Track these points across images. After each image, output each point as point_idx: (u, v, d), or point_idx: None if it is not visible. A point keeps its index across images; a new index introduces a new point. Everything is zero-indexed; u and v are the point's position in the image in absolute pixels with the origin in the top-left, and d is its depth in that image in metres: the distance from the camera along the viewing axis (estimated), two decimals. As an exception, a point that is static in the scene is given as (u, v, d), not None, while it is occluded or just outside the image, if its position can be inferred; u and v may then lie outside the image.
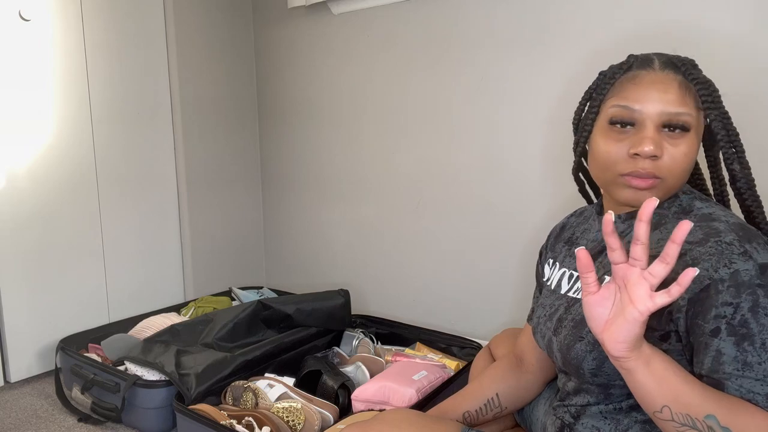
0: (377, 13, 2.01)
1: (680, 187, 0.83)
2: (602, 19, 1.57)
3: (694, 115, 0.78)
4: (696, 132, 0.79)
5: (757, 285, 0.68)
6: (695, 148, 0.79)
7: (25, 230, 1.80)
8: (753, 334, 0.68)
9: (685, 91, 0.79)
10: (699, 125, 0.80)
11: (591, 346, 0.80)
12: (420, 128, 1.97)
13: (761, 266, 0.69)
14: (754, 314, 0.68)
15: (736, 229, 0.73)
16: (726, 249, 0.71)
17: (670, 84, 0.79)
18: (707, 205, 0.81)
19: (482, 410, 1.00)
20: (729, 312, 0.69)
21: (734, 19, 1.37)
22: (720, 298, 0.69)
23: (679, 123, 0.77)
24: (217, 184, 2.34)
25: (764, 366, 0.67)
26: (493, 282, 1.87)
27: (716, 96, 0.80)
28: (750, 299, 0.68)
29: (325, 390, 1.51)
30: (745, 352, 0.68)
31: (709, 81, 0.81)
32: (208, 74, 2.27)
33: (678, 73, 0.80)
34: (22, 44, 1.75)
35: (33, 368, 1.84)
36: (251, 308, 1.78)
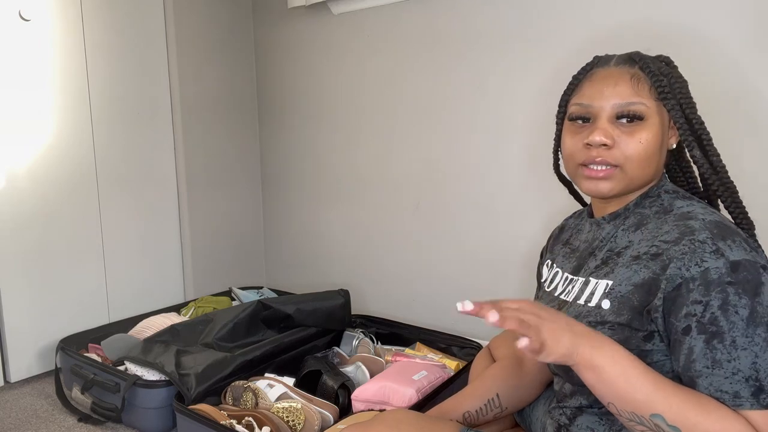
0: (377, 13, 2.01)
1: (647, 179, 0.83)
2: (603, 19, 1.57)
3: (648, 105, 0.81)
4: (654, 121, 0.81)
5: (727, 283, 0.69)
6: (653, 137, 0.81)
7: (25, 230, 1.80)
8: (723, 332, 0.68)
9: (638, 83, 0.82)
10: (658, 115, 0.81)
11: None
12: (420, 128, 1.97)
13: (732, 264, 0.69)
14: (723, 312, 0.68)
15: (710, 227, 0.73)
16: (698, 247, 0.72)
17: (621, 77, 0.82)
18: (688, 204, 0.80)
19: (482, 410, 1.00)
20: (699, 310, 0.69)
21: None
22: (690, 297, 0.70)
23: (630, 112, 0.80)
24: (217, 184, 2.34)
25: (734, 364, 0.67)
26: (493, 282, 1.87)
27: (675, 86, 0.81)
28: (720, 297, 0.69)
29: (325, 390, 1.51)
30: (715, 349, 0.68)
31: (663, 72, 0.82)
32: (208, 74, 2.27)
33: (633, 66, 0.83)
34: (22, 44, 1.75)
35: (33, 368, 1.84)
36: (251, 308, 1.78)
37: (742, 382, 0.67)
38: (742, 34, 1.37)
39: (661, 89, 0.81)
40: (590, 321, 0.81)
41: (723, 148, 1.40)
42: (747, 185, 1.40)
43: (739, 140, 1.40)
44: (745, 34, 1.36)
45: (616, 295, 0.79)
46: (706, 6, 1.41)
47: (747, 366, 0.67)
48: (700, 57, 1.42)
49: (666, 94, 0.81)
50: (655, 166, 0.82)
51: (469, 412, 1.00)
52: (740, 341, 0.67)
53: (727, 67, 1.39)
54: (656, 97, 0.81)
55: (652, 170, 0.82)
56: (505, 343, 1.23)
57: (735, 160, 1.40)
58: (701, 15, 1.41)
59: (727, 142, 1.40)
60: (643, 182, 0.84)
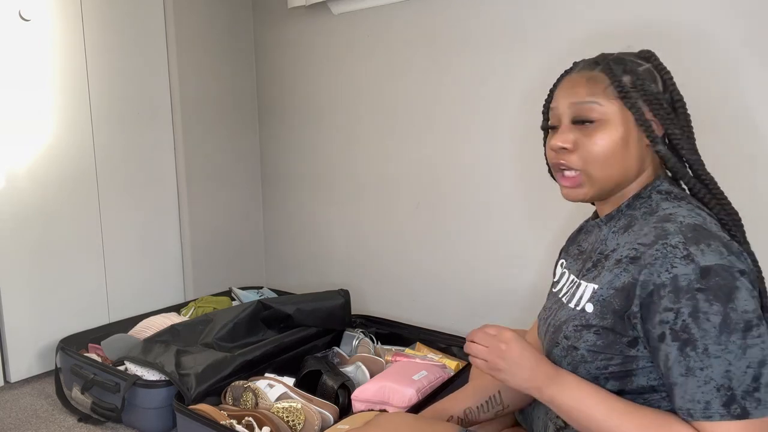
0: (377, 13, 2.01)
1: (618, 179, 0.82)
2: (603, 20, 1.57)
3: (603, 104, 0.79)
4: (614, 121, 0.79)
5: (697, 289, 0.67)
6: (612, 138, 0.79)
7: (26, 230, 1.80)
8: (695, 339, 0.67)
9: (595, 84, 0.81)
10: (619, 115, 0.80)
11: (565, 351, 0.81)
12: (420, 128, 1.97)
13: (703, 270, 0.68)
14: (694, 319, 0.67)
15: (685, 231, 0.71)
16: (670, 252, 0.70)
17: (579, 80, 0.82)
18: (675, 205, 0.78)
19: (484, 407, 1.00)
20: (671, 317, 0.68)
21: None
22: (662, 304, 0.69)
23: (584, 115, 0.80)
24: (217, 183, 2.34)
25: (706, 372, 0.66)
26: (493, 281, 1.87)
27: (637, 83, 0.79)
28: (690, 304, 0.67)
29: (325, 390, 1.51)
30: (688, 357, 0.67)
31: (627, 70, 0.80)
32: (208, 74, 2.27)
33: (594, 69, 0.82)
34: (22, 44, 1.75)
35: (33, 368, 1.84)
36: (251, 308, 1.77)
37: (713, 392, 0.65)
38: (737, 32, 1.37)
39: (620, 88, 0.79)
40: (576, 325, 0.81)
41: (719, 146, 1.41)
42: (745, 185, 1.40)
43: (733, 139, 1.40)
44: (740, 32, 1.36)
45: (599, 299, 0.78)
46: (700, 4, 1.40)
47: (719, 375, 0.65)
48: (692, 55, 1.42)
49: (625, 92, 0.79)
50: (623, 165, 0.80)
51: (470, 409, 1.00)
52: (712, 349, 0.66)
53: (721, 65, 1.39)
54: (615, 96, 0.80)
55: (620, 170, 0.81)
56: None
57: (731, 159, 1.40)
58: (695, 13, 1.41)
59: (724, 140, 1.40)
60: (616, 182, 0.82)
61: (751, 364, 0.65)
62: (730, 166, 1.41)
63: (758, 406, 0.64)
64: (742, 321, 0.66)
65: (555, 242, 1.73)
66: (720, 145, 1.41)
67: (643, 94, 0.79)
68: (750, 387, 0.64)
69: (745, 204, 1.41)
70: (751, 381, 0.65)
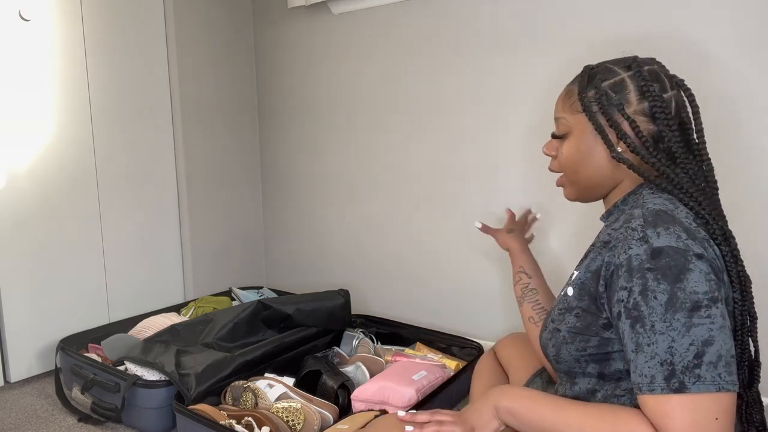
0: (377, 13, 2.01)
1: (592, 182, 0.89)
2: (605, 20, 1.57)
3: (568, 118, 0.89)
4: (575, 133, 0.88)
5: (647, 269, 0.70)
6: (572, 149, 0.89)
7: (25, 230, 1.80)
8: (644, 316, 0.70)
9: (567, 98, 0.90)
10: (581, 126, 0.88)
11: (550, 333, 0.86)
12: (420, 128, 1.97)
13: (654, 250, 0.71)
14: (644, 297, 0.70)
15: (647, 215, 0.76)
16: (629, 234, 0.74)
17: (561, 95, 0.92)
18: (655, 197, 0.81)
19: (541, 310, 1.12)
20: (625, 296, 0.72)
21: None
22: (619, 283, 0.73)
23: (556, 129, 0.92)
24: (217, 183, 2.34)
25: (652, 348, 0.68)
26: (494, 282, 1.87)
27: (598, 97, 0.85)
28: (640, 283, 0.71)
29: (324, 390, 1.51)
30: (638, 334, 0.70)
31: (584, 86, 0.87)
32: (208, 74, 2.27)
33: (573, 83, 0.90)
34: (22, 44, 1.75)
35: (33, 368, 1.84)
36: (251, 308, 1.77)
37: (657, 366, 0.68)
38: (739, 39, 1.37)
39: (581, 102, 0.86)
40: (561, 308, 0.86)
41: (725, 148, 1.41)
42: (746, 185, 1.40)
43: (732, 141, 1.40)
44: (742, 40, 1.36)
45: (578, 282, 0.83)
46: (700, 12, 1.40)
47: (663, 350, 0.68)
48: (695, 60, 1.42)
49: (585, 106, 0.86)
50: (591, 171, 0.88)
51: (537, 292, 1.15)
52: (658, 326, 0.69)
53: (723, 70, 1.39)
54: (578, 110, 0.88)
55: (590, 175, 0.88)
56: (510, 347, 1.24)
57: (733, 161, 1.40)
58: (695, 20, 1.41)
59: (728, 142, 1.40)
60: (591, 185, 0.90)
61: (694, 342, 0.67)
62: (731, 168, 1.41)
63: (696, 382, 0.66)
64: (689, 301, 0.68)
65: (557, 243, 1.73)
66: (722, 147, 1.41)
67: (599, 106, 0.85)
68: (691, 363, 0.67)
69: (745, 205, 1.41)
70: (692, 358, 0.67)
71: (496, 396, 0.82)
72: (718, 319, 0.68)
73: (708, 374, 0.66)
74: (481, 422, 0.82)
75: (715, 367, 0.66)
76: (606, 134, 0.84)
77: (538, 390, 0.83)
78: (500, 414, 0.81)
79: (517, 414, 0.79)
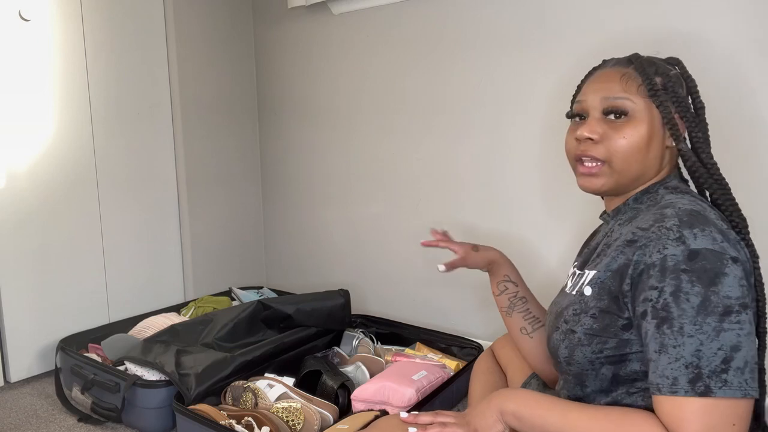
0: (377, 13, 2.01)
1: (637, 174, 0.84)
2: (605, 20, 1.56)
3: (635, 101, 0.82)
4: (641, 118, 0.82)
5: (682, 270, 0.70)
6: (639, 134, 0.82)
7: (25, 230, 1.80)
8: (672, 317, 0.69)
9: (628, 81, 0.84)
10: (646, 113, 0.83)
11: (563, 335, 0.84)
12: (420, 128, 1.97)
13: (691, 252, 0.70)
14: (675, 299, 0.69)
15: (681, 215, 0.74)
16: (664, 234, 0.73)
17: (613, 76, 0.85)
18: (678, 197, 0.81)
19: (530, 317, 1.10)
20: (654, 296, 0.71)
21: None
22: (649, 282, 0.72)
23: (615, 107, 0.83)
24: (217, 184, 2.34)
25: (678, 350, 0.68)
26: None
27: (668, 84, 0.83)
28: (673, 284, 0.70)
29: (324, 390, 1.51)
30: (663, 334, 0.69)
31: (659, 71, 0.84)
32: (208, 74, 2.27)
33: (628, 66, 0.86)
34: (22, 44, 1.75)
35: (33, 368, 1.84)
36: (251, 308, 1.77)
37: (682, 369, 0.67)
38: (749, 39, 1.37)
39: (651, 87, 0.82)
40: (575, 309, 0.84)
41: (730, 148, 1.41)
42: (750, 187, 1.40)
43: (744, 141, 1.40)
44: (752, 39, 1.36)
45: (596, 282, 0.81)
46: (713, 11, 1.41)
47: (690, 353, 0.67)
48: (705, 59, 1.42)
49: (655, 92, 0.82)
50: (644, 161, 0.83)
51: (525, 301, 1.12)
52: (687, 328, 0.68)
53: (732, 70, 1.39)
54: (645, 95, 0.83)
55: (640, 166, 0.83)
56: (509, 346, 1.24)
57: (740, 160, 1.40)
58: (706, 19, 1.41)
59: (733, 142, 1.40)
60: (634, 177, 0.85)
61: (723, 347, 0.67)
62: (735, 168, 1.41)
63: (723, 387, 0.65)
64: (721, 305, 0.68)
65: (557, 243, 1.73)
66: (728, 146, 1.41)
67: (673, 95, 0.82)
68: (718, 368, 0.66)
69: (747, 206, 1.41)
70: (720, 362, 0.66)
71: (500, 399, 0.82)
72: (747, 326, 0.68)
73: (735, 379, 0.65)
74: (485, 425, 0.82)
75: (741, 373, 0.66)
76: (675, 125, 0.81)
77: (540, 392, 0.83)
78: (505, 417, 0.80)
79: (522, 418, 0.78)
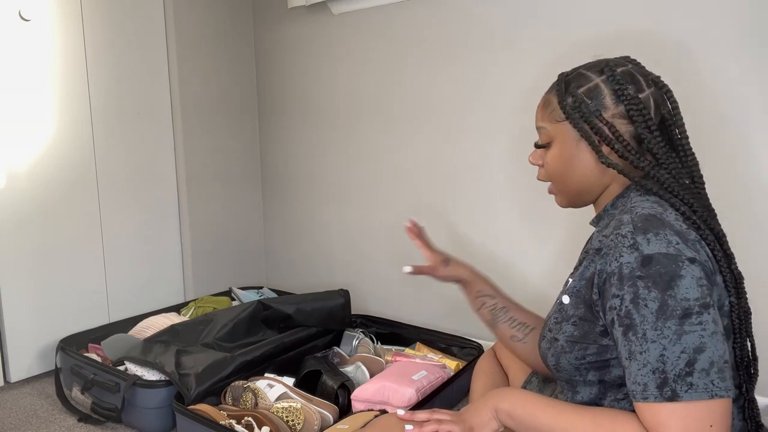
0: (377, 13, 2.01)
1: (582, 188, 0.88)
2: (605, 20, 1.57)
3: (549, 127, 0.89)
4: (560, 141, 0.88)
5: (638, 277, 0.71)
6: (557, 158, 0.88)
7: (26, 230, 1.80)
8: (635, 324, 0.70)
9: (545, 107, 0.90)
10: (561, 135, 0.87)
11: (549, 343, 0.86)
12: (420, 128, 1.97)
13: (644, 258, 0.71)
14: (635, 305, 0.70)
15: (636, 221, 0.75)
16: (620, 242, 0.74)
17: (540, 103, 0.91)
18: (643, 200, 0.81)
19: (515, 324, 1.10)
20: (617, 304, 0.72)
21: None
22: (611, 291, 0.73)
23: (538, 139, 0.91)
24: (217, 184, 2.34)
25: (644, 356, 0.69)
26: (493, 282, 1.87)
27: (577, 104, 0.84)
28: (631, 291, 0.71)
29: (324, 390, 1.51)
30: (630, 342, 0.70)
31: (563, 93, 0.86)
32: (208, 74, 2.27)
33: (550, 92, 0.90)
34: (22, 44, 1.75)
35: (33, 368, 1.84)
36: (251, 308, 1.77)
37: (650, 374, 0.68)
38: (725, 39, 1.37)
39: (563, 109, 0.86)
40: (557, 317, 0.85)
41: (710, 148, 1.41)
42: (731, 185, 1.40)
43: (718, 141, 1.40)
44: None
45: (573, 290, 0.83)
46: (693, 13, 1.41)
47: (655, 358, 0.68)
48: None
49: (567, 114, 0.85)
50: (579, 179, 0.88)
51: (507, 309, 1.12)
52: (650, 334, 0.69)
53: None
54: (561, 118, 0.87)
55: (576, 183, 0.88)
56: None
57: (725, 160, 1.40)
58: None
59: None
60: (577, 193, 0.89)
61: (685, 350, 0.67)
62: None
63: (688, 390, 0.66)
64: (679, 308, 0.68)
65: (556, 242, 1.73)
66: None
67: (580, 114, 0.85)
68: (683, 371, 0.67)
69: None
70: (684, 366, 0.67)
71: (496, 398, 0.83)
72: (710, 326, 0.68)
73: (700, 382, 0.66)
74: (480, 422, 0.83)
75: (707, 374, 0.66)
76: (593, 140, 0.84)
77: (536, 392, 0.84)
78: (499, 416, 0.82)
79: (516, 417, 0.80)
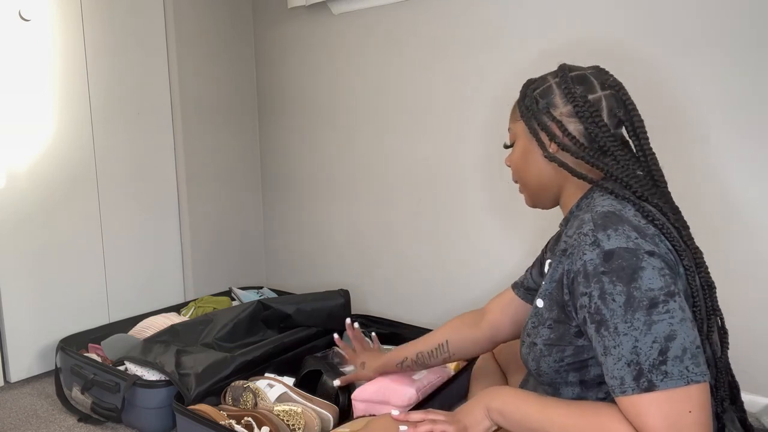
0: (377, 13, 2.01)
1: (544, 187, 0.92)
2: (605, 20, 1.57)
3: (513, 127, 0.95)
4: (519, 141, 0.94)
5: (602, 273, 0.72)
6: (518, 156, 0.94)
7: (25, 230, 1.80)
8: (606, 320, 0.71)
9: (514, 110, 0.96)
10: (522, 134, 0.93)
11: (528, 348, 0.87)
12: (420, 128, 1.97)
13: (606, 253, 0.72)
14: (603, 301, 0.71)
15: (596, 219, 0.76)
16: (582, 240, 0.76)
17: (513, 106, 0.99)
18: (604, 198, 0.83)
19: (433, 353, 1.18)
20: (586, 301, 0.74)
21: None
22: (579, 290, 0.75)
23: (508, 139, 1.00)
24: (217, 184, 2.34)
25: (618, 350, 0.70)
26: (494, 281, 1.87)
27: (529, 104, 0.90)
28: (597, 287, 0.72)
29: (325, 390, 1.51)
30: (603, 337, 0.72)
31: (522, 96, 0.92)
32: (208, 74, 2.27)
33: (520, 95, 0.95)
34: (22, 44, 1.75)
35: (33, 368, 1.84)
36: (251, 308, 1.78)
37: (625, 368, 0.69)
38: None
39: (519, 107, 0.92)
40: (533, 322, 0.87)
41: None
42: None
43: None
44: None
45: (545, 293, 0.84)
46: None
47: (628, 351, 0.69)
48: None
49: (522, 114, 0.91)
50: (536, 176, 0.92)
51: (421, 353, 1.20)
52: (621, 327, 0.70)
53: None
54: (518, 118, 0.94)
55: (535, 180, 0.93)
56: (509, 345, 1.24)
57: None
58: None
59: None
60: (537, 191, 0.94)
61: (657, 339, 0.68)
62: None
63: (664, 379, 0.67)
64: (645, 299, 0.69)
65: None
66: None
67: (531, 112, 0.90)
68: (656, 361, 0.67)
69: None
70: (657, 355, 0.68)
71: (487, 397, 0.84)
72: (678, 313, 0.69)
73: (675, 369, 0.67)
74: (473, 421, 0.84)
75: (681, 361, 0.67)
76: (539, 136, 0.88)
77: (530, 389, 0.85)
78: (491, 414, 0.83)
79: (506, 414, 0.81)
